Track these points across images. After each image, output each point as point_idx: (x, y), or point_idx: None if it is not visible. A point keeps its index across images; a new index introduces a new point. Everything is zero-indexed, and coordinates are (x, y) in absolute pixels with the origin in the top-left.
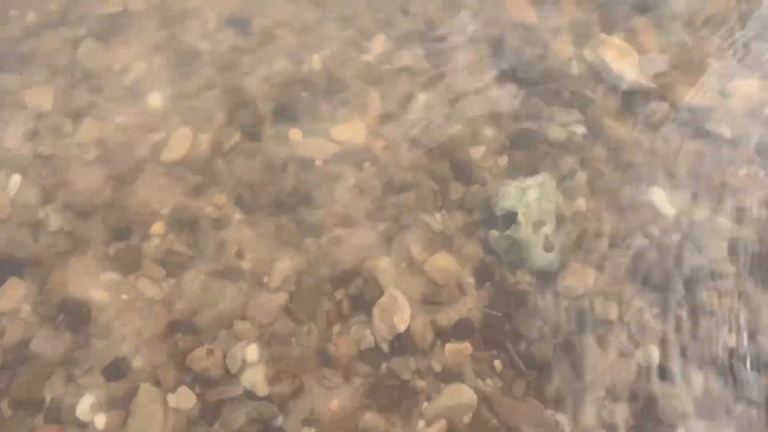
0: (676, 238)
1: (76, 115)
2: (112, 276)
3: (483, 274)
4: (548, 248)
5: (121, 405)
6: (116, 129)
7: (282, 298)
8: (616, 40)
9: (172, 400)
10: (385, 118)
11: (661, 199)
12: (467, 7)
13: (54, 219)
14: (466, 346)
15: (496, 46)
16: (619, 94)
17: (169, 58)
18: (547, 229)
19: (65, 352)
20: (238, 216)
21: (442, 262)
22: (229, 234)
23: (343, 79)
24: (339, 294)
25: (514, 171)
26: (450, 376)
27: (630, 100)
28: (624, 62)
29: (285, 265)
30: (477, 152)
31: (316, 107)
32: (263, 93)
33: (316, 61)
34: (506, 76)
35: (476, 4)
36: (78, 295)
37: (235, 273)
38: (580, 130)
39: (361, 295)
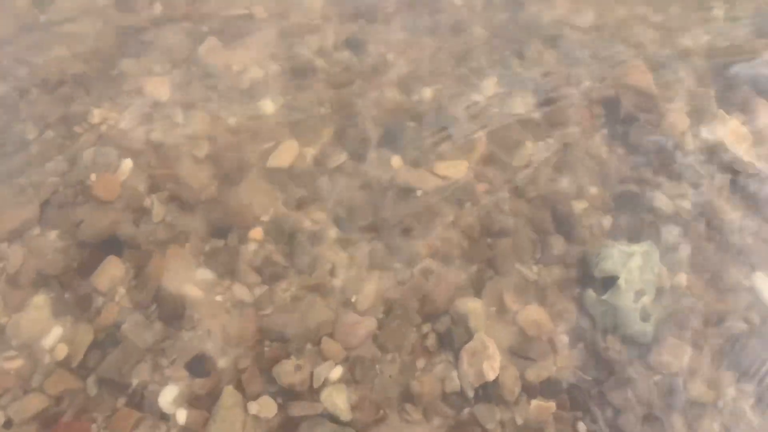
0: None
1: (190, 109)
2: (207, 274)
3: (576, 334)
4: (645, 318)
5: (203, 404)
6: (227, 129)
7: (371, 323)
8: (735, 121)
9: (253, 407)
10: (490, 160)
11: (764, 287)
12: (584, 64)
13: (158, 208)
14: (552, 405)
15: (610, 107)
16: (731, 176)
17: (284, 68)
18: (647, 299)
19: (154, 341)
20: (334, 234)
21: (535, 314)
22: (324, 250)
23: (451, 115)
24: (426, 328)
25: (616, 233)
26: (531, 431)
27: (742, 183)
28: (740, 145)
29: (375, 289)
30: (579, 207)
31: (421, 138)
32: (371, 117)
33: (426, 93)
34: (617, 137)
35: (593, 62)
36: (172, 287)
37: (326, 289)
38: (688, 204)
39: (449, 333)
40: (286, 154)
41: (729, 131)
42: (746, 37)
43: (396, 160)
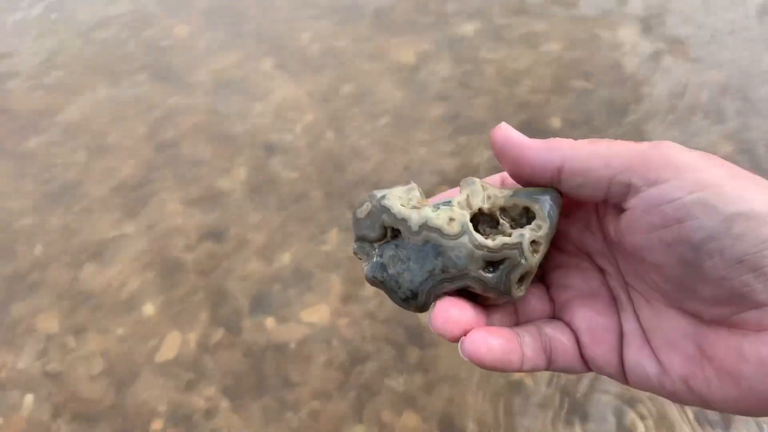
0: None
1: (81, 332)
2: None
3: (446, 427)
4: None
5: None
6: (117, 340)
7: None
8: None
9: None
10: (345, 298)
11: None
12: None
13: (64, 430)
14: None
15: None
16: None
17: (158, 272)
18: None
19: None
20: (225, 404)
21: (408, 421)
22: (219, 422)
23: (308, 270)
24: None
25: None
26: None
27: None
28: None
29: None
30: (425, 318)
31: (286, 296)
32: (240, 290)
33: (284, 257)
34: None
35: None
36: None
37: None
38: None
39: None
40: (170, 346)
41: None
42: None
43: (269, 322)
